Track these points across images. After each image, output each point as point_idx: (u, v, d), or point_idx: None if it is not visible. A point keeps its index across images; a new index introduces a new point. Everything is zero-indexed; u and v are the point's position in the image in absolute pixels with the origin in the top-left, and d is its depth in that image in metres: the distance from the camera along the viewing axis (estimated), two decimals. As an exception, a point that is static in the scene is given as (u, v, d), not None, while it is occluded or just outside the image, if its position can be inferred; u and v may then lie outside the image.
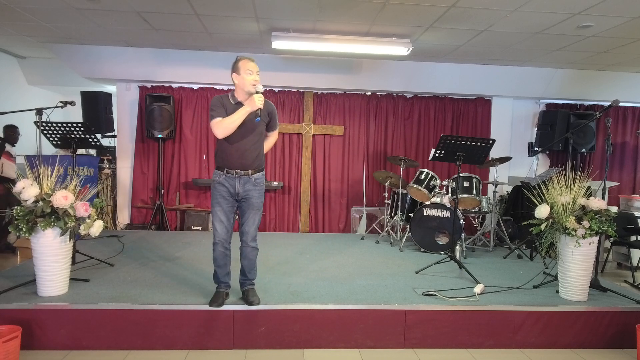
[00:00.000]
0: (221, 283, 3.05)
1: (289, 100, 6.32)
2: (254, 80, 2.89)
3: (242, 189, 2.91)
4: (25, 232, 2.86)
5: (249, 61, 2.91)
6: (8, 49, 6.03)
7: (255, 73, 2.92)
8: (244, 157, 2.91)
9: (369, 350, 2.98)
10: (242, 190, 2.92)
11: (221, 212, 2.93)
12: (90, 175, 5.11)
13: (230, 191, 2.92)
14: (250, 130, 2.91)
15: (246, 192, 2.92)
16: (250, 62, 2.91)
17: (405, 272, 3.98)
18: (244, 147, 2.90)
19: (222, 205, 2.92)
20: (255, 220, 2.97)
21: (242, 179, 2.91)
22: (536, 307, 3.15)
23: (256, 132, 2.95)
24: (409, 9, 4.08)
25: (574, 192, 3.35)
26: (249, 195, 2.93)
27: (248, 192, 2.93)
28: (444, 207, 4.79)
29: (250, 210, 2.95)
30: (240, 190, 2.91)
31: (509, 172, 6.49)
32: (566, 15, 4.09)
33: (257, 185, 2.95)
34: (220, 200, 2.92)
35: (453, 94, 6.36)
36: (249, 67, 2.89)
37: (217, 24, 4.67)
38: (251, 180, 2.93)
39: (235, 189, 2.91)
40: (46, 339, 2.83)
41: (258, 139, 2.97)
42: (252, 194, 2.93)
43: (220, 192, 2.92)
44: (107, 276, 3.55)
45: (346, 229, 6.42)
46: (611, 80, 6.21)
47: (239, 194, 2.92)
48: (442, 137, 3.99)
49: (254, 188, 2.94)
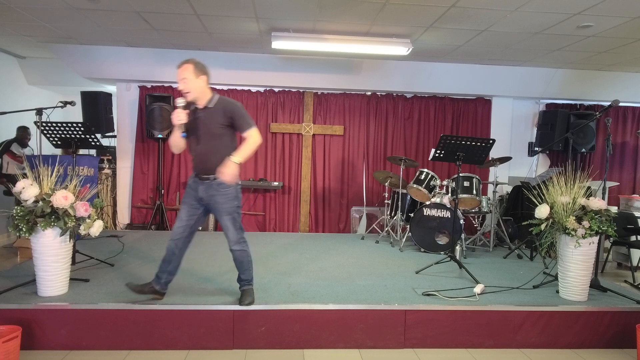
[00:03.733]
0: (156, 276, 3.01)
1: (289, 100, 6.33)
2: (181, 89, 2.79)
3: (204, 193, 2.86)
4: (25, 232, 2.86)
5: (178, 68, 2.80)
6: (8, 49, 6.02)
7: (181, 80, 2.78)
8: (203, 162, 2.84)
9: (369, 350, 2.98)
10: (205, 195, 2.86)
11: (183, 211, 2.93)
12: (90, 175, 5.11)
13: (194, 195, 2.90)
14: (204, 135, 2.82)
15: (209, 197, 2.86)
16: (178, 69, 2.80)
17: (405, 272, 3.98)
18: (202, 151, 2.84)
19: (185, 204, 2.93)
20: (228, 226, 2.89)
21: (205, 184, 2.85)
22: (536, 307, 3.15)
23: (213, 136, 2.81)
24: (409, 9, 4.08)
25: (574, 192, 3.34)
26: (214, 200, 2.86)
27: (212, 198, 2.85)
28: (444, 207, 4.79)
29: (220, 216, 2.90)
30: (204, 195, 2.86)
31: (509, 172, 6.49)
32: (566, 15, 4.09)
33: (221, 190, 2.83)
34: (186, 200, 2.94)
35: (453, 94, 6.36)
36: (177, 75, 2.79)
37: (217, 24, 4.67)
38: (213, 185, 2.83)
39: (199, 192, 2.88)
40: (46, 339, 2.83)
41: (219, 143, 2.82)
42: (216, 199, 2.85)
43: (188, 193, 2.94)
44: (107, 276, 3.55)
45: (346, 229, 6.42)
46: (611, 80, 6.21)
47: (203, 198, 2.88)
48: (442, 137, 3.99)
49: (218, 193, 2.83)
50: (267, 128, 6.29)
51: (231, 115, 2.80)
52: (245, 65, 5.92)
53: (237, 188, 2.92)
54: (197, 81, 2.77)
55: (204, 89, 2.82)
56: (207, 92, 2.85)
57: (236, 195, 2.91)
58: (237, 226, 2.92)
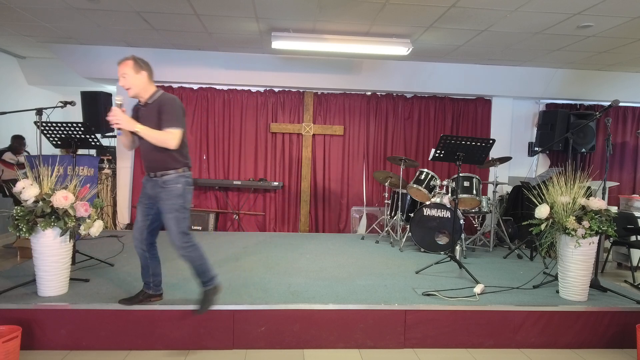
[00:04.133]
0: (144, 282, 2.99)
1: (289, 100, 6.33)
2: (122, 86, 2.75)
3: (152, 191, 2.80)
4: (25, 232, 2.86)
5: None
6: (8, 49, 6.02)
7: (121, 77, 2.74)
8: (148, 160, 2.79)
9: (369, 350, 2.98)
10: (153, 193, 2.80)
11: (139, 211, 2.88)
12: (90, 175, 5.11)
13: (146, 193, 2.85)
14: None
15: (156, 194, 2.78)
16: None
17: (405, 272, 3.98)
18: (145, 149, 2.78)
19: (140, 205, 2.88)
20: (170, 227, 2.73)
21: (151, 181, 2.80)
22: (536, 307, 3.15)
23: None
24: (409, 9, 4.08)
25: (574, 192, 3.34)
26: (159, 197, 2.77)
27: (157, 194, 2.77)
28: (444, 207, 4.79)
29: (163, 214, 2.77)
30: (152, 192, 2.80)
31: (509, 172, 6.49)
32: (566, 15, 4.09)
33: (165, 187, 2.73)
34: (141, 200, 2.88)
35: (453, 94, 6.36)
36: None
37: (217, 24, 4.67)
38: (159, 182, 2.75)
39: (148, 190, 2.83)
40: (46, 339, 2.84)
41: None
42: (160, 196, 2.75)
43: (142, 192, 2.88)
44: (107, 276, 3.55)
45: (346, 229, 6.42)
46: (611, 80, 6.21)
47: (151, 195, 2.81)
48: (442, 137, 3.99)
49: (162, 190, 2.74)
50: (267, 128, 6.29)
51: (160, 112, 2.69)
52: (245, 65, 5.92)
53: (185, 187, 2.78)
54: (137, 77, 2.72)
55: (146, 85, 2.76)
56: (149, 89, 2.78)
57: (182, 193, 2.75)
58: (181, 228, 2.74)
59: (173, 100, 2.73)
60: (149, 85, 2.78)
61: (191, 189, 2.84)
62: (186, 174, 2.79)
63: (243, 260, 4.20)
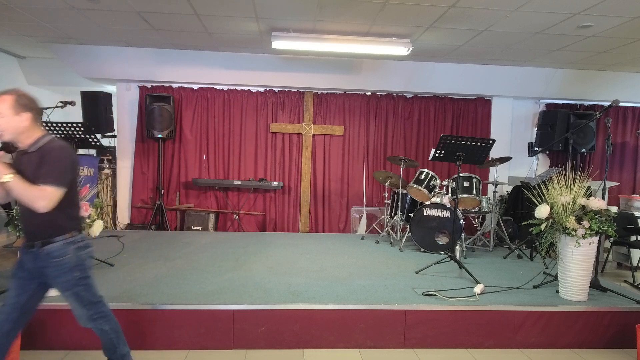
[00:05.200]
0: None
1: (289, 100, 6.33)
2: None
3: (32, 264, 2.16)
4: (25, 232, 2.84)
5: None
6: (8, 49, 6.02)
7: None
8: (25, 224, 2.18)
9: (369, 350, 2.98)
10: (34, 267, 2.16)
11: (12, 285, 2.19)
12: (90, 175, 5.11)
13: (23, 265, 2.19)
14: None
15: (39, 270, 2.15)
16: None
17: (405, 272, 3.98)
18: (22, 210, 2.14)
19: (14, 277, 2.20)
20: (72, 304, 2.21)
21: (31, 253, 2.14)
22: (536, 307, 3.15)
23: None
24: (409, 9, 4.08)
25: (574, 192, 3.34)
26: (45, 274, 2.15)
27: (42, 270, 2.15)
28: (444, 207, 4.79)
29: (60, 292, 2.21)
30: (32, 267, 2.16)
31: (509, 172, 6.49)
32: (566, 15, 4.09)
33: (51, 261, 2.11)
34: (15, 272, 2.21)
35: (453, 94, 6.37)
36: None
37: (217, 24, 4.67)
38: (41, 255, 2.11)
39: (26, 263, 2.17)
40: (46, 339, 2.84)
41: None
42: (47, 272, 2.14)
43: (18, 265, 2.22)
44: (107, 276, 3.55)
45: (346, 229, 6.42)
46: (611, 80, 6.21)
47: (32, 270, 2.17)
48: (442, 137, 3.99)
49: (48, 264, 2.12)
50: (267, 128, 6.29)
51: (41, 159, 2.06)
52: (245, 65, 5.93)
53: (77, 254, 2.17)
54: (15, 119, 2.06)
55: (27, 129, 2.10)
56: (31, 134, 2.11)
57: (75, 264, 2.16)
58: (86, 301, 2.21)
59: (60, 150, 2.11)
60: (33, 130, 2.12)
61: (89, 251, 2.25)
62: (76, 238, 2.18)
63: (243, 260, 4.20)
